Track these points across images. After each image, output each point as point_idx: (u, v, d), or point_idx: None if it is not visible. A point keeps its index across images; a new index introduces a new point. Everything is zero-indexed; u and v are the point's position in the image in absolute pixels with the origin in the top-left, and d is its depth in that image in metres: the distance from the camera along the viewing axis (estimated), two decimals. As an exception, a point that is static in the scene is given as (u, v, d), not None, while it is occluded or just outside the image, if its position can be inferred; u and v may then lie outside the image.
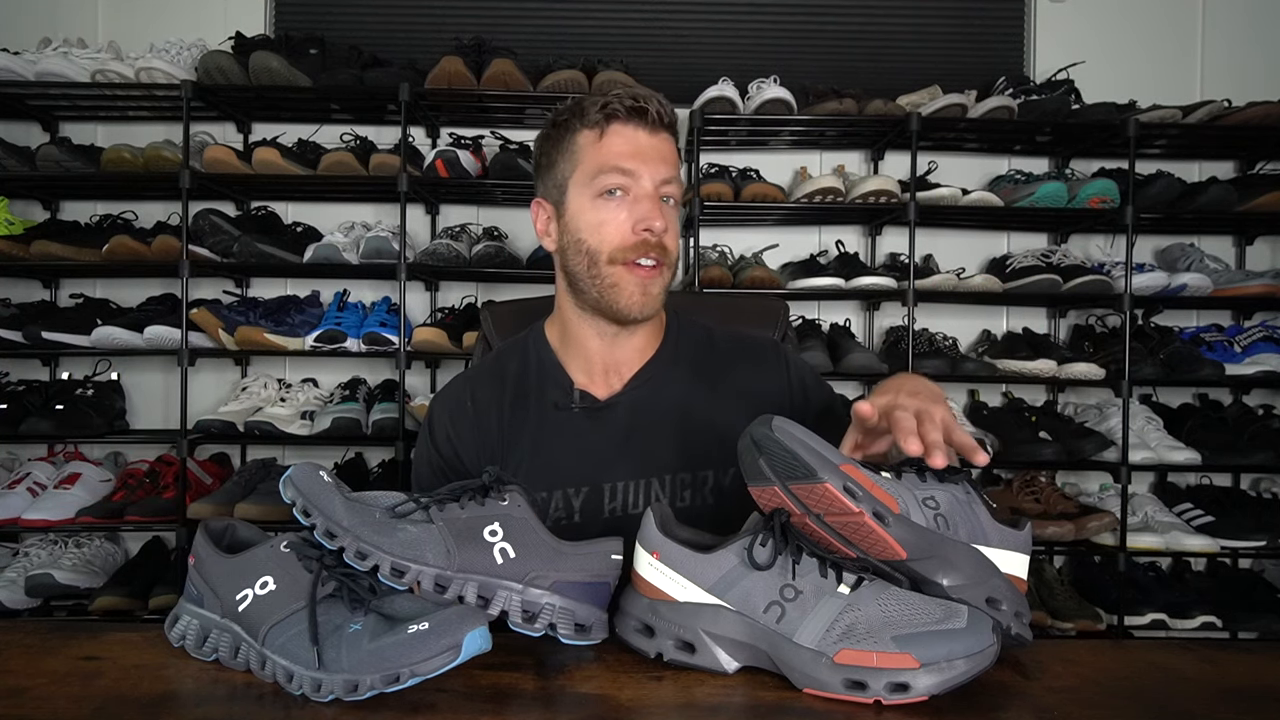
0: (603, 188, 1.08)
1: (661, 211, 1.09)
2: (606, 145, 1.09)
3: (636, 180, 1.08)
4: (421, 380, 2.71)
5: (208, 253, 2.42)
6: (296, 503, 0.73)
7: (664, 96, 1.12)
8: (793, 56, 2.71)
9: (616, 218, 1.08)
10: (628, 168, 1.08)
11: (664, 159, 1.10)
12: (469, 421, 1.16)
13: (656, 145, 1.10)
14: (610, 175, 1.08)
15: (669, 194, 1.11)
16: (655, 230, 1.07)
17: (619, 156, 1.08)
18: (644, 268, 1.08)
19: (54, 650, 0.75)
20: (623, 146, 1.08)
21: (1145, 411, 2.52)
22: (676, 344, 1.20)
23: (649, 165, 1.08)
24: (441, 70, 2.34)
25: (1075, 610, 2.35)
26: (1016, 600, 0.74)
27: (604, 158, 1.08)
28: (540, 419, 1.14)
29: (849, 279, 2.42)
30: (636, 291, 1.09)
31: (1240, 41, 2.75)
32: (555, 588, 0.75)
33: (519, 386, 1.17)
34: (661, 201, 1.10)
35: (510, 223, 2.68)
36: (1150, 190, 2.46)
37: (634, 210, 1.08)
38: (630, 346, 1.17)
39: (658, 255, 1.08)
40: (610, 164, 1.08)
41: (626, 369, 1.17)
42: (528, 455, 1.13)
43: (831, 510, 0.70)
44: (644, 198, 1.08)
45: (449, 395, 1.20)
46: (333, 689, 0.63)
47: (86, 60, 2.36)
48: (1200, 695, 0.68)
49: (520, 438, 1.14)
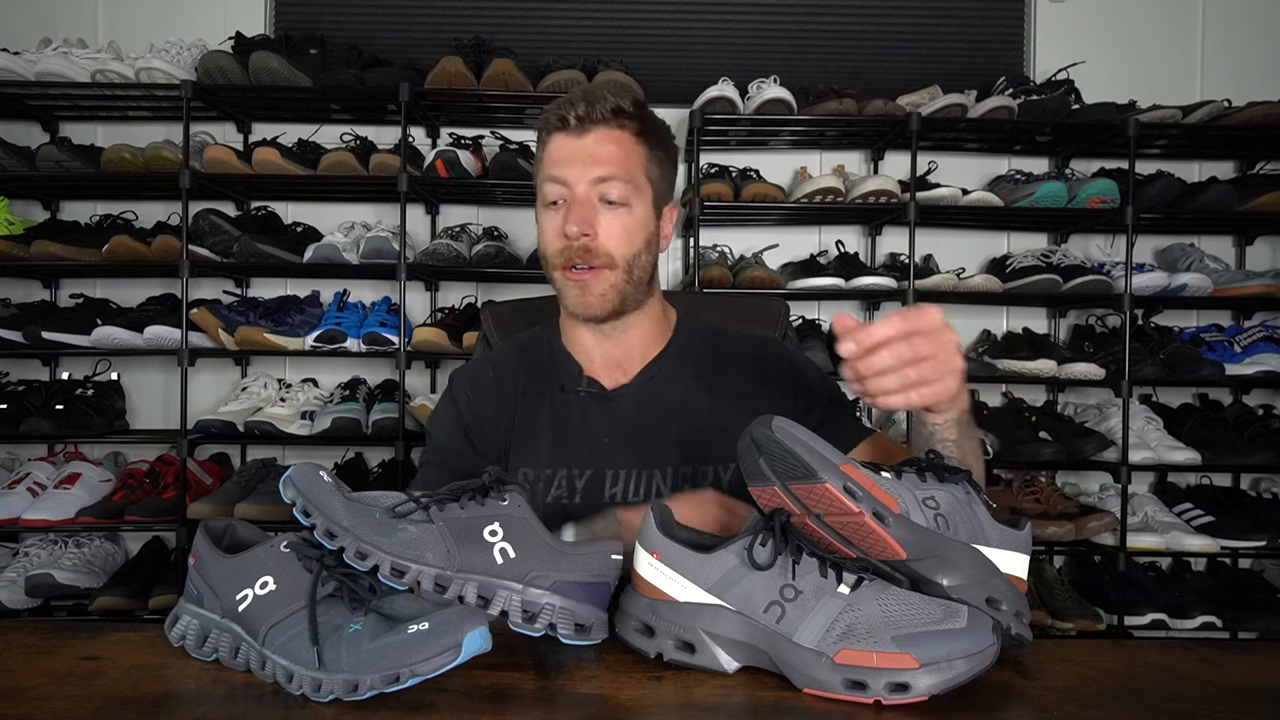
0: (546, 198, 1.13)
1: (587, 215, 1.09)
2: (547, 155, 1.14)
3: (570, 186, 1.11)
4: (421, 380, 2.71)
5: (208, 253, 2.42)
6: (296, 503, 0.73)
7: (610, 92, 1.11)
8: (793, 56, 2.71)
9: (553, 225, 1.12)
10: (557, 175, 1.11)
11: (596, 159, 1.10)
12: (489, 386, 1.21)
13: (586, 146, 1.10)
14: (547, 185, 1.13)
15: (607, 193, 1.10)
16: (572, 235, 1.09)
17: (552, 164, 1.12)
18: (576, 271, 1.11)
19: (54, 650, 0.75)
20: (555, 154, 1.12)
21: (1145, 411, 2.52)
22: (684, 342, 1.23)
23: (574, 168, 1.10)
24: (441, 70, 2.34)
25: (1075, 610, 2.35)
26: (1016, 600, 0.74)
27: (545, 168, 1.13)
28: (553, 399, 1.18)
29: (849, 279, 2.42)
30: (578, 294, 1.12)
31: (1240, 41, 2.75)
32: (555, 588, 0.75)
33: (536, 368, 1.22)
34: (601, 204, 1.11)
35: (510, 223, 2.68)
36: (1150, 190, 2.46)
37: (563, 215, 1.11)
38: (624, 344, 1.19)
39: (584, 258, 1.10)
40: (546, 174, 1.13)
41: (629, 364, 1.19)
42: (540, 431, 1.16)
43: (831, 510, 0.70)
44: (573, 203, 1.10)
45: (470, 366, 1.28)
46: (333, 689, 0.63)
47: (86, 60, 2.36)
48: (1200, 695, 0.68)
49: (535, 413, 1.18)
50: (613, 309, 1.13)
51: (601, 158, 1.10)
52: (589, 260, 1.10)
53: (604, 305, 1.12)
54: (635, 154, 1.12)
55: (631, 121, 1.12)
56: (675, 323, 1.25)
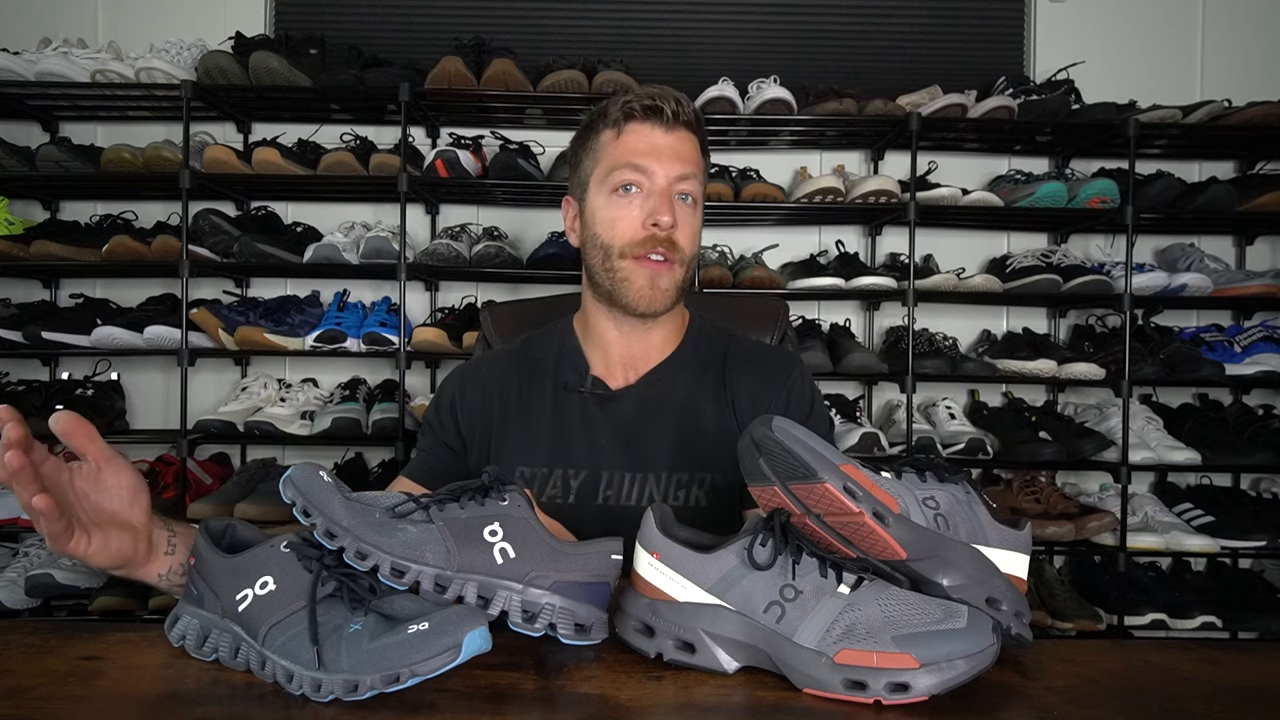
0: (617, 184, 1.11)
1: (672, 207, 1.10)
2: (623, 143, 1.12)
3: (650, 177, 1.10)
4: (421, 380, 2.71)
5: (208, 253, 2.41)
6: (296, 503, 0.73)
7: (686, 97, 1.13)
8: (793, 56, 2.71)
9: (629, 213, 1.11)
10: (641, 164, 1.10)
11: (679, 156, 1.11)
12: (479, 385, 1.21)
13: (671, 143, 1.11)
14: (624, 171, 1.11)
15: (685, 191, 1.12)
16: (663, 225, 1.09)
17: (633, 154, 1.11)
18: (653, 261, 1.11)
19: (54, 650, 0.75)
20: (637, 144, 1.11)
21: (1145, 411, 2.52)
22: (694, 346, 1.23)
23: (662, 162, 1.10)
24: (441, 70, 2.34)
25: (1075, 610, 2.35)
26: (1016, 600, 0.74)
27: (619, 155, 1.12)
28: (553, 398, 1.18)
29: (849, 279, 2.42)
30: (645, 285, 1.11)
31: (1240, 41, 2.75)
32: (555, 588, 0.75)
33: (538, 366, 1.22)
34: (677, 199, 1.12)
35: (510, 223, 2.68)
36: (1150, 190, 2.46)
37: (645, 205, 1.10)
38: (648, 342, 1.19)
39: (666, 250, 1.10)
40: (624, 161, 1.11)
41: (643, 364, 1.19)
42: (538, 429, 1.16)
43: (831, 510, 0.70)
44: (656, 193, 1.10)
45: (467, 364, 1.29)
46: (333, 689, 0.63)
47: (86, 60, 2.36)
48: (1200, 695, 0.68)
49: (533, 411, 1.18)
50: (669, 304, 1.14)
51: (684, 156, 1.12)
52: (669, 253, 1.11)
53: (665, 300, 1.13)
54: (701, 161, 1.16)
55: (700, 130, 1.16)
56: (687, 324, 1.25)
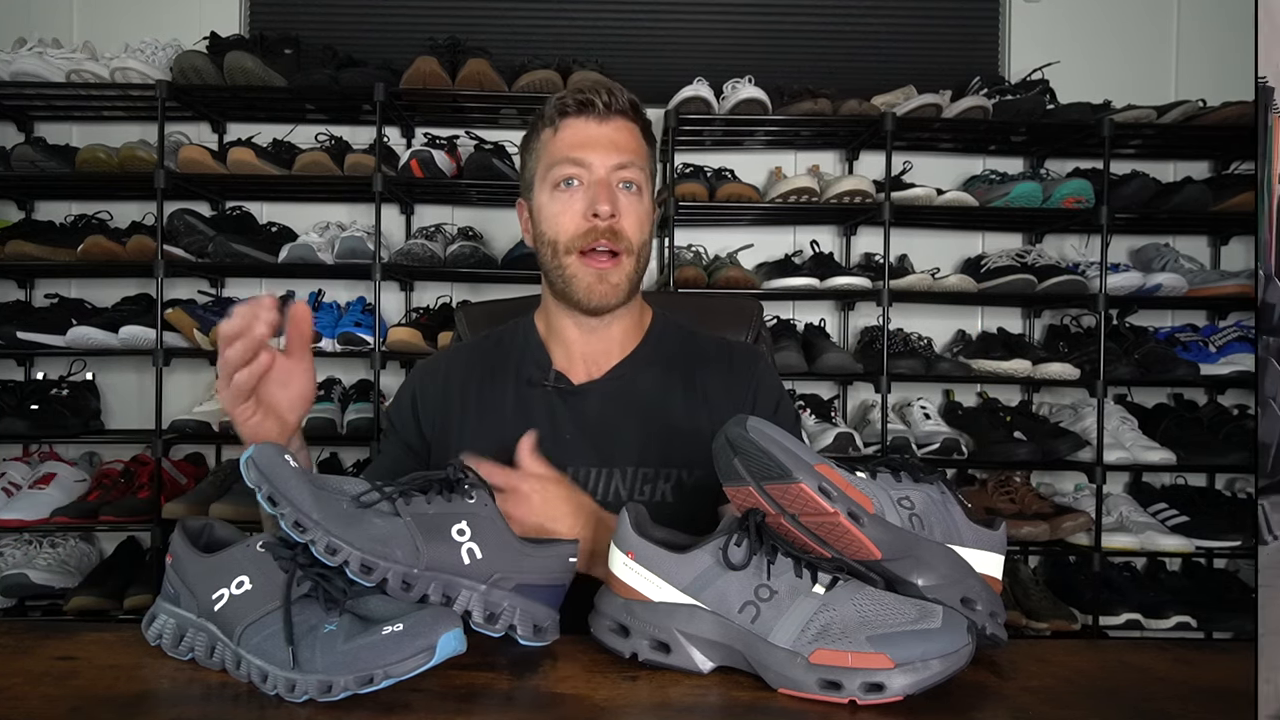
0: (558, 179, 1.12)
1: (613, 196, 1.10)
2: (560, 139, 1.13)
3: (588, 168, 1.10)
4: (396, 380, 2.70)
5: (183, 253, 2.41)
6: (261, 488, 0.72)
7: (622, 87, 1.14)
8: (767, 56, 2.71)
9: (571, 207, 1.11)
10: (577, 157, 1.11)
11: (616, 145, 1.11)
12: (438, 381, 1.22)
13: (607, 133, 1.12)
14: (563, 166, 1.11)
15: (628, 179, 1.12)
16: (603, 214, 1.09)
17: (569, 148, 1.11)
18: (599, 256, 1.11)
19: (29, 650, 0.75)
20: (573, 138, 1.12)
21: (1120, 411, 2.52)
22: (658, 342, 1.23)
23: (598, 152, 1.10)
24: (416, 70, 2.34)
25: (1050, 610, 2.35)
26: (991, 600, 0.74)
27: (557, 151, 1.12)
28: (515, 393, 1.18)
29: (824, 279, 2.42)
30: (593, 281, 1.11)
31: (1215, 41, 2.75)
32: (517, 589, 0.75)
33: (500, 361, 1.22)
34: (620, 187, 1.12)
35: (485, 223, 2.67)
36: (1125, 190, 2.46)
37: (585, 197, 1.11)
38: (607, 338, 1.19)
39: (610, 241, 1.10)
40: (562, 156, 1.11)
41: (604, 360, 1.19)
42: (500, 424, 1.16)
43: (806, 510, 0.70)
44: (594, 184, 1.10)
45: (428, 359, 1.30)
46: (307, 689, 0.63)
47: (61, 60, 2.35)
48: (1175, 695, 0.68)
49: (494, 406, 1.18)
50: (621, 299, 1.14)
51: (621, 144, 1.12)
52: (614, 244, 1.10)
53: (616, 295, 1.13)
54: (643, 148, 1.16)
55: (639, 118, 1.16)
56: (650, 321, 1.25)
